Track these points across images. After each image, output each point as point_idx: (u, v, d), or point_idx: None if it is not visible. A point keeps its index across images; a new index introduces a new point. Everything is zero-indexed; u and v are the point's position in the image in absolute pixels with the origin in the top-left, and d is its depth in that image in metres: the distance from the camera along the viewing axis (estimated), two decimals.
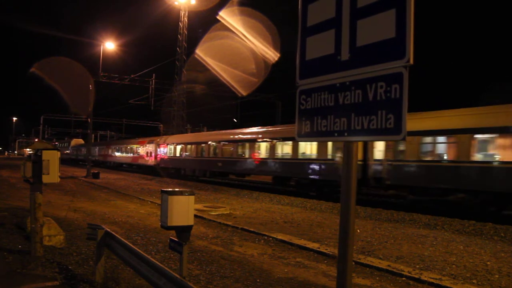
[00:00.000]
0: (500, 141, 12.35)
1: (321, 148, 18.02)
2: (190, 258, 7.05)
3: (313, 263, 7.37)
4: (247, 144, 23.20)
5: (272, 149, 20.95)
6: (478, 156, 12.78)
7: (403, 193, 15.08)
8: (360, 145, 13.52)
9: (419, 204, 14.92)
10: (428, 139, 14.29)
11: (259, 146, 22.31)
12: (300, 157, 19.45)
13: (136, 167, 40.75)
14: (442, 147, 14.21)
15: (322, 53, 2.65)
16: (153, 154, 34.96)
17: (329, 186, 17.84)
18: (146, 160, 36.63)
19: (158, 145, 34.16)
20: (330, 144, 17.32)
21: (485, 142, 13.00)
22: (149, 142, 36.44)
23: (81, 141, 71.45)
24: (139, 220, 11.31)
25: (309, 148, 19.68)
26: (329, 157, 17.72)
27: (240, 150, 23.81)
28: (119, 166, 45.96)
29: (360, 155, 15.20)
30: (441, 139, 14.05)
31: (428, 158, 14.29)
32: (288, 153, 20.24)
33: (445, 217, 12.44)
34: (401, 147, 14.64)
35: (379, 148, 15.52)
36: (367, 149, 15.60)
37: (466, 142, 12.79)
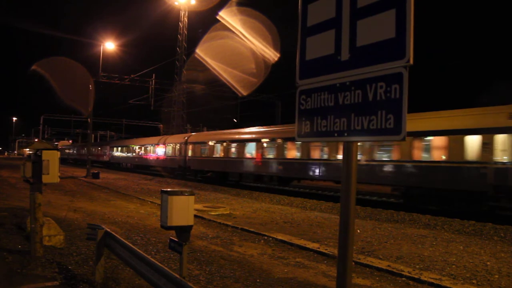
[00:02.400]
0: None
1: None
2: (190, 258, 7.05)
3: (313, 263, 7.37)
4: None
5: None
6: None
7: None
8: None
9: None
10: None
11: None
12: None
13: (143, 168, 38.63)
14: None
15: (322, 53, 2.65)
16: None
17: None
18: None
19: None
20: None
21: None
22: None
23: (67, 142, 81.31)
24: (139, 220, 11.31)
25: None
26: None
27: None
28: (118, 166, 45.73)
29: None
30: None
31: None
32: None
33: (445, 217, 12.44)
34: None
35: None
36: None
37: None
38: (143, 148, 38.79)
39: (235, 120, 51.43)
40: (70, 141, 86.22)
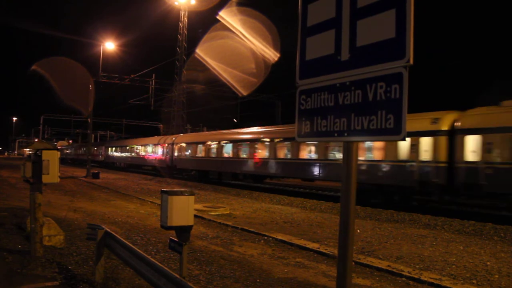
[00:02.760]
0: None
1: None
2: (190, 258, 7.05)
3: (313, 263, 7.37)
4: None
5: None
6: None
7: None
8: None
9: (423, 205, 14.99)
10: None
11: None
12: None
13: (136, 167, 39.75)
14: None
15: (322, 53, 2.65)
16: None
17: None
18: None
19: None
20: None
21: None
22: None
23: (65, 142, 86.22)
24: (139, 220, 11.31)
25: None
26: None
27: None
28: (113, 165, 46.13)
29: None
30: None
31: None
32: None
33: (445, 217, 12.45)
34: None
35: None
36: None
37: None
38: (134, 148, 40.77)
39: (235, 120, 51.46)
40: (70, 141, 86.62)
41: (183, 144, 29.99)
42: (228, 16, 34.32)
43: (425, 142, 14.17)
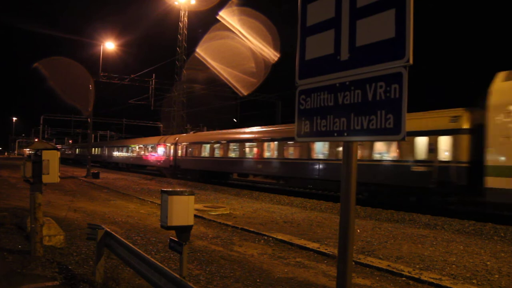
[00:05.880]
0: None
1: None
2: (190, 258, 7.06)
3: (313, 263, 7.37)
4: None
5: None
6: None
7: None
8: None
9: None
10: None
11: None
12: None
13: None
14: None
15: (321, 53, 2.65)
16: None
17: None
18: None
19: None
20: None
21: None
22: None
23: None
24: (139, 220, 11.31)
25: None
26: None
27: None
28: (116, 166, 46.54)
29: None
30: None
31: None
32: None
33: (445, 217, 12.44)
34: None
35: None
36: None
37: None
38: (125, 148, 43.54)
39: (235, 120, 51.41)
40: (70, 141, 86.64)
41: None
42: (228, 16, 34.35)
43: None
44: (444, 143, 13.43)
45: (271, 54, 34.37)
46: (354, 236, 2.56)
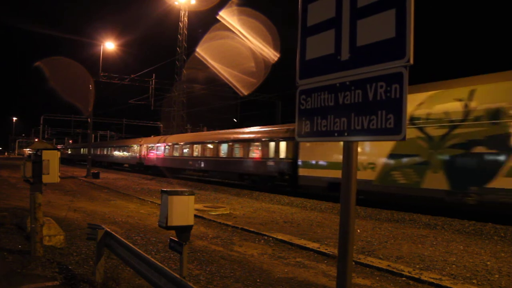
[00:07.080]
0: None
1: None
2: (190, 258, 7.06)
3: (313, 263, 7.37)
4: None
5: None
6: None
7: None
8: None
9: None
10: None
11: None
12: None
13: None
14: None
15: (322, 53, 2.65)
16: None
17: None
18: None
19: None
20: None
21: None
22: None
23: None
24: (139, 220, 11.31)
25: None
26: None
27: None
28: (115, 166, 47.34)
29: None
30: None
31: None
32: None
33: (445, 217, 12.44)
34: None
35: None
36: None
37: None
38: (115, 149, 46.98)
39: (235, 120, 51.42)
40: (70, 141, 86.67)
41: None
42: (228, 16, 34.34)
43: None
44: (282, 146, 20.15)
45: (271, 54, 34.39)
46: (354, 236, 2.55)
